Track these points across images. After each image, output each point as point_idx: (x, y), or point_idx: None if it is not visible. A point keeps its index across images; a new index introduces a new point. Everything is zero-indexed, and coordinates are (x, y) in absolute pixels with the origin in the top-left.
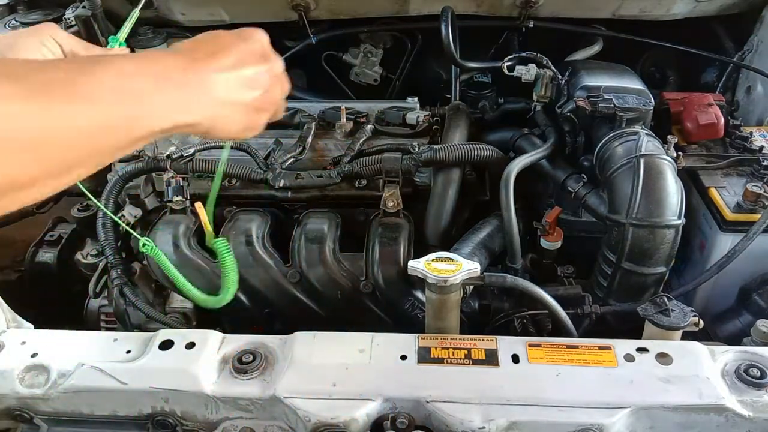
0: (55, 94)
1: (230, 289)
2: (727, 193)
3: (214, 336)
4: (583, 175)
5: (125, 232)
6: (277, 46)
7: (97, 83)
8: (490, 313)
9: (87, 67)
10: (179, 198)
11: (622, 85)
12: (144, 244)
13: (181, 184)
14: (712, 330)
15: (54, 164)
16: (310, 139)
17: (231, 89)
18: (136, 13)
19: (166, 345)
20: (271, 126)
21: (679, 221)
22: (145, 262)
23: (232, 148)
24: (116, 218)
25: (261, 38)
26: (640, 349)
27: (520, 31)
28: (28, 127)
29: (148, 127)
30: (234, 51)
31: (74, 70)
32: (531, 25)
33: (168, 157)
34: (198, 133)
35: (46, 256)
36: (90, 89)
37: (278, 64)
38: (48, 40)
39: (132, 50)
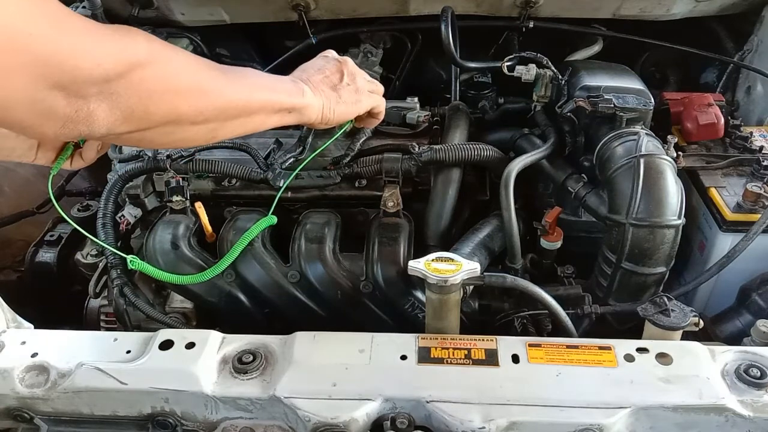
0: (231, 76)
1: (226, 261)
2: (727, 193)
3: (214, 336)
4: (583, 175)
5: (125, 232)
6: (277, 46)
7: (252, 77)
8: (490, 313)
9: (246, 69)
10: (179, 198)
11: (622, 85)
12: (131, 261)
13: (181, 184)
14: (712, 330)
15: (217, 113)
16: (310, 140)
17: (324, 88)
18: None
19: (166, 345)
20: None
21: (679, 221)
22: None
23: (232, 147)
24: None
25: (335, 56)
26: (640, 349)
27: (520, 31)
28: (214, 87)
29: (278, 104)
30: (320, 66)
31: (240, 69)
32: (531, 25)
33: (168, 157)
34: (312, 118)
35: (46, 256)
36: (247, 80)
37: (349, 66)
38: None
39: None
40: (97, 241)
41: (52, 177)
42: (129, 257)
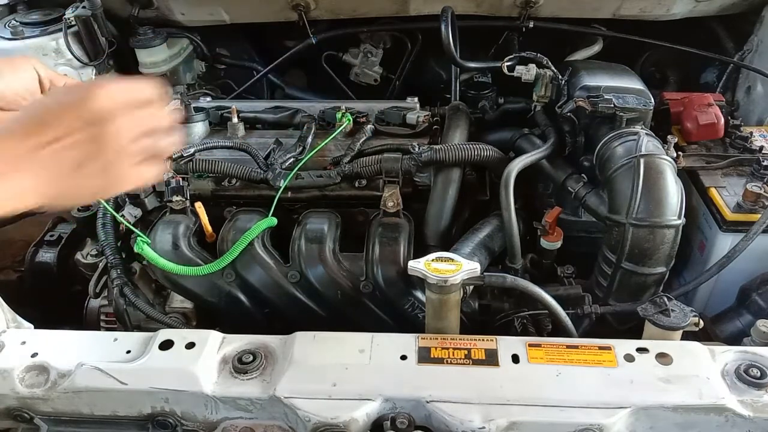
0: None
1: (228, 256)
2: (727, 193)
3: (214, 336)
4: (583, 175)
5: (125, 232)
6: (277, 46)
7: None
8: (490, 313)
9: None
10: (179, 198)
11: (622, 85)
12: (139, 244)
13: (181, 184)
14: (712, 330)
15: None
16: (310, 139)
17: (63, 165)
18: None
19: (166, 345)
20: (272, 126)
21: (679, 221)
22: (145, 262)
23: (232, 147)
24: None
25: (95, 105)
26: (640, 349)
27: (520, 31)
28: None
29: None
30: (59, 125)
31: None
32: (531, 25)
33: (168, 157)
34: (27, 206)
35: (46, 256)
36: None
37: (117, 123)
38: (26, 71)
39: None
40: (123, 220)
41: None
42: (141, 239)
